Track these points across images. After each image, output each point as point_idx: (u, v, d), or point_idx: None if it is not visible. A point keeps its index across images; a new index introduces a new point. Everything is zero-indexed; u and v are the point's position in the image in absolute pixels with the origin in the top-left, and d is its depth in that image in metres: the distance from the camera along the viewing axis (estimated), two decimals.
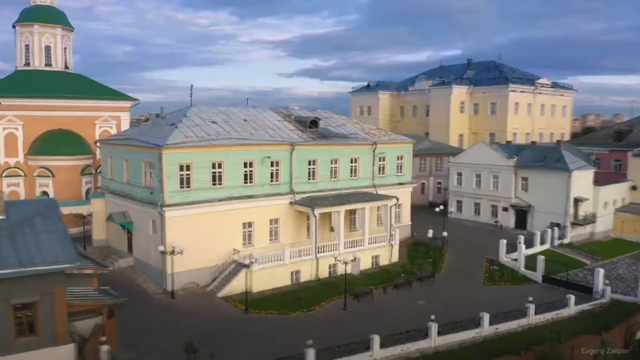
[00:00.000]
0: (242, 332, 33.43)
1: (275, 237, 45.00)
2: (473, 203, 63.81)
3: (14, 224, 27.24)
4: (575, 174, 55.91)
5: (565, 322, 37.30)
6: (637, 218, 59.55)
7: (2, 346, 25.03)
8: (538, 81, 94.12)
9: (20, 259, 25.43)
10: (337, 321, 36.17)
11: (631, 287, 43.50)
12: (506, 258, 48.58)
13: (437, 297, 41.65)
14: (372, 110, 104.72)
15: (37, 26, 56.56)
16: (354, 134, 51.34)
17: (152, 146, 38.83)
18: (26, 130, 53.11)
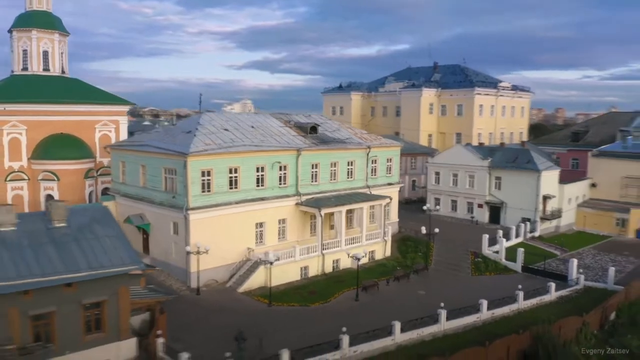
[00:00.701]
0: (271, 322, 36.91)
1: (283, 236, 48.53)
2: (450, 200, 69.12)
3: (75, 230, 29.84)
4: (544, 174, 61.95)
5: (547, 306, 42.61)
6: (597, 212, 66.28)
7: (73, 343, 27.70)
8: (500, 84, 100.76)
9: (90, 263, 28.16)
10: (352, 311, 40.18)
11: (599, 275, 49.46)
12: (488, 251, 53.85)
13: (434, 287, 46.35)
14: (344, 110, 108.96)
15: (35, 31, 57.49)
16: (349, 138, 55.31)
17: (176, 154, 41.55)
18: (29, 135, 54.27)
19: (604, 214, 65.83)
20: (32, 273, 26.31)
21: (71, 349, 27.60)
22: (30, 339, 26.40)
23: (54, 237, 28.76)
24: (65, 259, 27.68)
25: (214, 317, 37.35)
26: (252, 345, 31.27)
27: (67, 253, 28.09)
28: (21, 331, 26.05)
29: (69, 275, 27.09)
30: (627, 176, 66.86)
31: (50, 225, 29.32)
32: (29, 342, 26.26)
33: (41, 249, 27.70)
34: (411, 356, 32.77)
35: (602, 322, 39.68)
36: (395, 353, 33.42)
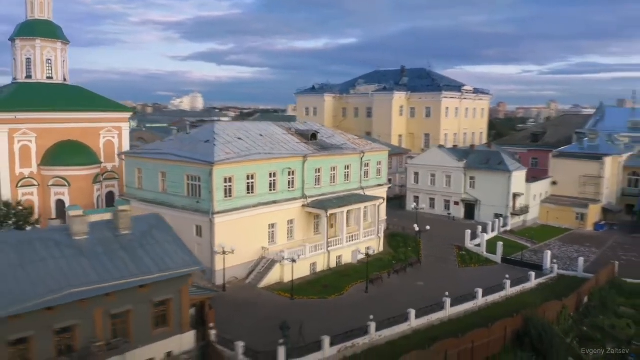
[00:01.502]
0: (297, 314, 41.25)
1: (291, 235, 52.83)
2: (428, 198, 75.14)
3: (139, 237, 33.35)
4: (514, 174, 68.81)
5: (529, 293, 48.86)
6: (558, 208, 73.85)
7: (145, 337, 31.35)
8: (463, 88, 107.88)
9: (159, 266, 31.83)
10: (364, 301, 45.09)
11: (567, 264, 56.35)
12: (470, 244, 59.99)
13: (429, 278, 51.90)
14: (318, 111, 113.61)
15: (39, 40, 59.17)
16: (345, 144, 60.06)
17: (202, 162, 45.13)
18: (39, 142, 56.14)
19: (565, 209, 73.49)
20: (113, 277, 29.73)
21: (143, 343, 31.20)
22: (110, 335, 29.89)
23: (122, 243, 32.19)
24: (137, 263, 31.22)
25: (245, 311, 41.41)
26: (294, 334, 35.68)
27: (138, 257, 31.62)
28: (104, 329, 29.52)
29: (143, 277, 30.71)
30: (584, 175, 74.71)
31: (118, 233, 32.68)
32: (110, 339, 29.76)
33: (115, 255, 31.10)
34: (426, 339, 38.03)
35: (577, 306, 46.19)
36: (413, 336, 38.69)
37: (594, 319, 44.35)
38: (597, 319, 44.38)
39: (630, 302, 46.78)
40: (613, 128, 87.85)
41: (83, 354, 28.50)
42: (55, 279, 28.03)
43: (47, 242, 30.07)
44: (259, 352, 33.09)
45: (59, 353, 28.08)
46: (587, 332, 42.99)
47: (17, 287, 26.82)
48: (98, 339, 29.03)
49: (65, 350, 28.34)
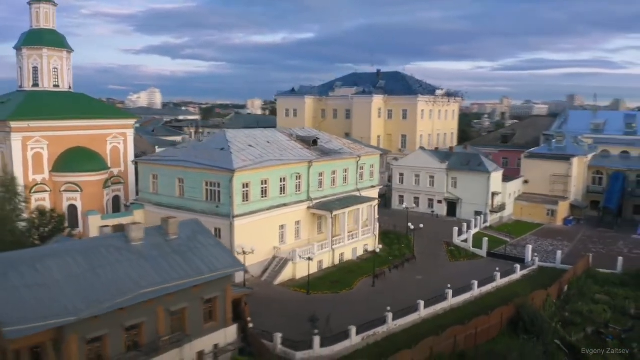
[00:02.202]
0: (316, 307, 45.23)
1: (298, 236, 56.74)
2: (413, 197, 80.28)
3: (186, 241, 36.73)
4: (493, 175, 74.66)
5: (516, 283, 54.41)
6: (530, 205, 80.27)
7: (197, 331, 34.83)
8: (436, 92, 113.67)
9: (209, 267, 35.34)
10: (373, 295, 49.60)
11: (544, 257, 62.23)
12: (457, 240, 65.31)
13: (425, 272, 56.84)
14: (298, 113, 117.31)
15: (45, 50, 60.84)
16: (342, 149, 64.25)
17: (222, 169, 48.50)
18: (50, 150, 58.00)
19: (537, 205, 79.98)
20: (172, 278, 33.08)
21: (195, 336, 34.68)
22: (170, 330, 33.27)
23: (173, 247, 35.49)
24: (190, 265, 34.64)
25: (269, 306, 45.15)
26: (321, 325, 39.78)
27: (189, 260, 35.02)
28: (165, 325, 32.88)
29: (197, 277, 34.18)
30: (554, 174, 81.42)
31: (168, 238, 35.95)
32: (170, 333, 33.14)
33: (170, 258, 34.42)
34: (435, 326, 42.77)
35: (559, 294, 51.93)
36: (422, 325, 43.44)
37: (574, 306, 50.00)
38: (576, 305, 50.03)
39: (604, 290, 52.75)
40: (577, 130, 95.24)
41: (150, 348, 31.84)
42: (125, 282, 31.20)
43: (109, 248, 33.12)
44: (297, 341, 37.11)
45: (128, 349, 31.33)
46: (568, 317, 48.50)
47: (93, 290, 29.88)
48: (163, 334, 32.48)
49: (133, 345, 31.60)
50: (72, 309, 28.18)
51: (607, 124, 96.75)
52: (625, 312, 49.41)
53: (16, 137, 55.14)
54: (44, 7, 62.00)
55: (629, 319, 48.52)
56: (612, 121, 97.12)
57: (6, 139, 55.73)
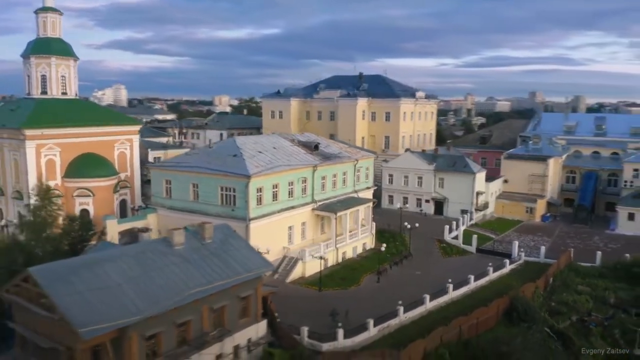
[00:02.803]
0: (329, 303, 48.85)
1: (304, 236, 60.19)
2: (402, 197, 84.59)
3: (220, 244, 39.81)
4: (477, 175, 79.56)
5: (506, 277, 59.05)
6: (511, 203, 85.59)
7: (234, 326, 38.01)
8: (417, 94, 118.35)
9: (244, 268, 38.54)
10: (378, 290, 53.51)
11: (527, 252, 67.19)
12: (448, 238, 69.84)
13: (422, 268, 61.05)
14: (284, 114, 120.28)
15: (54, 58, 62.50)
16: (340, 153, 67.89)
17: (238, 175, 51.53)
18: (62, 156, 59.82)
19: (517, 203, 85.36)
20: (214, 278, 36.18)
21: (233, 332, 37.88)
22: (212, 326, 36.37)
23: (210, 250, 38.55)
24: (228, 266, 37.78)
25: (286, 302, 48.37)
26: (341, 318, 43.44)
27: (226, 262, 38.15)
28: (208, 322, 35.99)
29: (236, 277, 37.35)
30: (531, 174, 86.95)
31: (204, 242, 38.96)
32: (212, 329, 36.24)
33: (209, 260, 37.48)
34: (439, 318, 46.93)
35: (545, 286, 56.89)
36: (428, 316, 47.56)
37: (559, 296, 54.96)
38: (561, 296, 54.99)
39: (585, 281, 57.93)
40: (550, 131, 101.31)
41: (198, 343, 34.93)
42: (175, 283, 34.18)
43: (156, 253, 35.99)
44: (322, 334, 40.68)
45: (178, 344, 34.33)
46: (555, 307, 53.39)
47: (149, 291, 32.78)
48: (207, 330, 35.59)
49: (181, 341, 34.60)
50: (134, 309, 31.05)
51: (579, 125, 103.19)
52: (606, 301, 54.63)
53: (30, 144, 56.82)
54: (51, 17, 63.54)
55: (609, 307, 53.75)
56: (583, 123, 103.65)
57: (20, 146, 57.32)
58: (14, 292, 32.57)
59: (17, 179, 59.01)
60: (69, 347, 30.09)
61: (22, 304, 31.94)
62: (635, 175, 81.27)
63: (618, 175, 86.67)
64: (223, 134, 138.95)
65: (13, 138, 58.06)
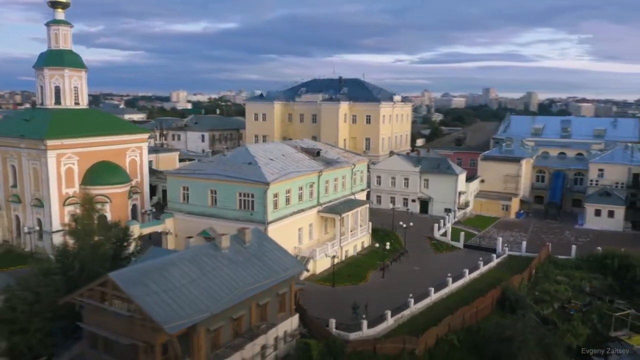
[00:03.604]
0: (344, 297, 53.89)
1: (311, 236, 64.99)
2: (389, 197, 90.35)
3: (257, 247, 44.26)
4: (459, 176, 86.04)
5: (494, 270, 65.38)
6: (488, 201, 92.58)
7: (274, 320, 42.52)
8: (394, 97, 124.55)
9: (281, 268, 43.15)
10: (385, 284, 58.88)
11: (509, 247, 73.88)
12: (437, 235, 75.93)
13: (419, 263, 66.77)
14: (267, 117, 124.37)
15: (67, 70, 65.03)
16: (339, 158, 72.90)
17: (256, 182, 55.83)
18: (80, 164, 62.55)
19: (494, 202, 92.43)
20: (260, 278, 40.65)
21: (274, 324, 42.43)
22: (258, 320, 40.84)
23: (251, 253, 42.97)
24: (268, 267, 42.32)
25: (305, 298, 53.15)
26: (361, 311, 48.57)
27: (266, 262, 42.68)
28: (255, 316, 40.46)
29: (277, 277, 41.91)
30: (506, 174, 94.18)
31: (245, 245, 43.33)
32: (257, 323, 40.72)
33: (252, 262, 41.92)
34: (443, 308, 52.66)
35: (529, 277, 63.54)
36: (434, 307, 53.29)
37: (542, 286, 61.52)
38: (544, 286, 61.56)
39: (563, 272, 64.82)
40: (519, 134, 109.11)
41: (250, 335, 39.40)
42: (230, 283, 38.52)
43: (208, 256, 40.18)
44: (349, 325, 45.74)
45: (233, 336, 38.70)
46: (538, 295, 59.93)
47: (211, 290, 37.04)
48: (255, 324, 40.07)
49: (235, 334, 38.97)
50: (202, 306, 35.30)
51: (546, 128, 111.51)
52: (582, 290, 61.71)
53: (51, 154, 59.36)
54: (63, 29, 65.90)
55: (585, 295, 60.84)
56: (549, 126, 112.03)
57: (41, 155, 59.78)
58: (88, 295, 36.21)
59: (36, 187, 61.37)
60: (146, 342, 34.09)
61: (98, 305, 35.65)
62: (600, 174, 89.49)
63: (584, 174, 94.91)
64: (204, 136, 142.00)
65: (33, 148, 60.39)
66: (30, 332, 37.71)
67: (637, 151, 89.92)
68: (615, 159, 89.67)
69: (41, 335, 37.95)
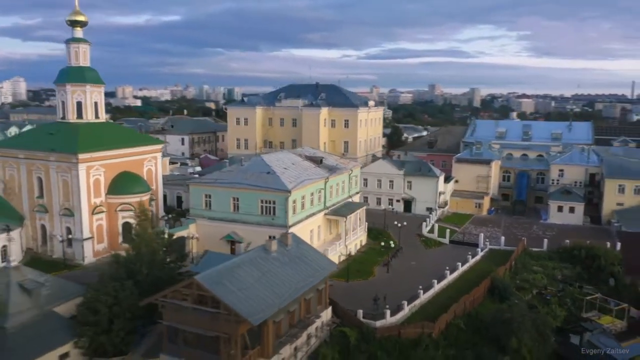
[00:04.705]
0: (359, 291, 61.07)
1: (319, 237, 71.88)
2: (375, 197, 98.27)
3: (296, 249, 50.89)
4: (440, 178, 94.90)
5: (480, 262, 74.11)
6: (463, 200, 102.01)
7: (315, 311, 49.38)
8: (369, 103, 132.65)
9: (320, 267, 50.00)
10: (390, 278, 66.49)
11: (490, 241, 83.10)
12: (425, 232, 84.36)
13: (415, 259, 74.81)
14: (249, 121, 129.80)
15: (88, 86, 69.08)
16: (338, 164, 79.97)
17: (278, 190, 62.19)
18: (106, 175, 66.95)
19: (468, 200, 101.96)
20: (307, 276, 47.32)
21: (318, 315, 49.23)
22: (305, 313, 47.56)
23: (293, 255, 49.59)
24: (310, 266, 49.09)
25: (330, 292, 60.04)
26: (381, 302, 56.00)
27: (307, 263, 49.45)
28: (303, 309, 47.17)
29: (319, 275, 48.69)
30: (478, 175, 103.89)
31: (287, 248, 49.84)
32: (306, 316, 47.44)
33: (296, 263, 48.57)
34: (445, 297, 60.82)
35: (510, 267, 72.76)
36: (437, 297, 61.41)
37: (522, 275, 70.74)
38: (523, 275, 70.79)
39: (538, 263, 74.27)
40: (485, 137, 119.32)
41: (302, 325, 46.11)
42: (284, 281, 45.09)
43: (262, 259, 46.54)
44: (375, 314, 53.09)
45: (289, 327, 45.26)
46: (519, 284, 68.98)
47: (273, 288, 43.50)
48: (304, 316, 46.80)
49: (290, 325, 45.52)
50: (270, 301, 41.79)
51: (508, 132, 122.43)
52: (555, 278, 71.24)
53: (82, 167, 63.59)
54: (82, 47, 69.80)
55: (558, 282, 70.39)
56: (512, 130, 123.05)
57: (71, 168, 63.82)
58: (171, 296, 41.88)
59: (65, 197, 65.29)
60: (228, 333, 40.21)
61: (180, 304, 41.37)
62: (560, 174, 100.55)
63: (545, 174, 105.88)
64: (184, 139, 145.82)
65: (63, 161, 64.27)
66: (114, 332, 43.01)
67: (592, 153, 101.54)
68: (573, 161, 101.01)
69: (123, 334, 43.30)
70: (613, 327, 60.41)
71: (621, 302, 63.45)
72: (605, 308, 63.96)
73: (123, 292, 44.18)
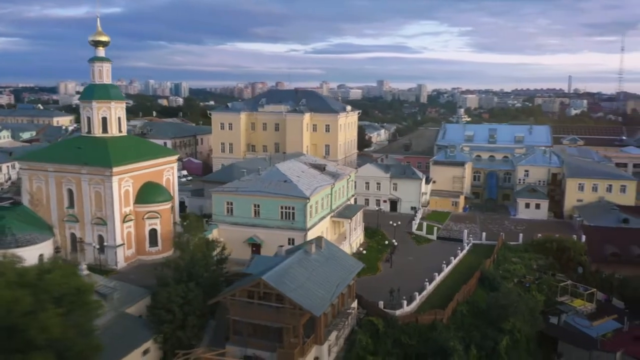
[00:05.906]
0: (371, 284, 69.30)
1: (327, 238, 79.56)
2: (364, 198, 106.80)
3: (327, 250, 58.56)
4: (422, 180, 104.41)
5: (467, 255, 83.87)
6: (441, 199, 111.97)
7: (347, 303, 57.25)
8: (347, 108, 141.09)
9: (350, 265, 57.88)
10: (394, 273, 75.06)
11: (472, 237, 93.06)
12: (414, 230, 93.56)
13: (411, 254, 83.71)
14: (233, 126, 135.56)
15: (113, 103, 74.06)
16: (339, 170, 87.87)
17: (297, 197, 69.51)
18: (134, 186, 72.30)
19: (445, 199, 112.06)
20: (342, 274, 55.06)
21: (353, 307, 57.11)
22: (342, 305, 55.37)
23: (327, 255, 57.25)
24: (343, 265, 56.89)
25: None
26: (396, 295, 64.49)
27: (339, 262, 57.24)
28: (341, 303, 54.98)
29: (351, 273, 56.54)
30: (453, 176, 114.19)
31: (322, 250, 57.43)
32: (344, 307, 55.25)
33: (331, 262, 56.27)
34: (445, 287, 69.95)
35: (493, 260, 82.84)
36: (439, 288, 70.50)
37: (504, 266, 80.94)
38: (504, 266, 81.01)
39: (516, 255, 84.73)
40: (455, 140, 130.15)
41: (342, 316, 53.89)
42: (327, 279, 52.70)
43: (306, 260, 53.98)
44: (394, 304, 61.50)
45: (333, 318, 52.95)
46: (502, 274, 79.04)
47: (321, 285, 51.05)
48: (342, 308, 54.63)
49: (332, 315, 53.19)
50: (322, 296, 49.38)
51: (476, 135, 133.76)
52: (531, 267, 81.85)
53: (115, 179, 68.83)
54: (105, 66, 74.62)
55: (534, 271, 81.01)
56: (479, 133, 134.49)
57: (104, 180, 68.87)
58: (239, 294, 48.73)
59: (98, 207, 70.20)
60: (290, 324, 47.54)
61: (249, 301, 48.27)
62: (526, 174, 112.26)
63: (511, 174, 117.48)
64: (166, 143, 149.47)
65: (96, 174, 69.20)
66: (188, 328, 49.53)
67: (553, 155, 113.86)
68: (537, 162, 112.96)
69: (196, 329, 49.90)
70: (584, 309, 71.17)
71: (590, 287, 74.53)
72: (576, 292, 74.81)
73: (191, 292, 50.65)
